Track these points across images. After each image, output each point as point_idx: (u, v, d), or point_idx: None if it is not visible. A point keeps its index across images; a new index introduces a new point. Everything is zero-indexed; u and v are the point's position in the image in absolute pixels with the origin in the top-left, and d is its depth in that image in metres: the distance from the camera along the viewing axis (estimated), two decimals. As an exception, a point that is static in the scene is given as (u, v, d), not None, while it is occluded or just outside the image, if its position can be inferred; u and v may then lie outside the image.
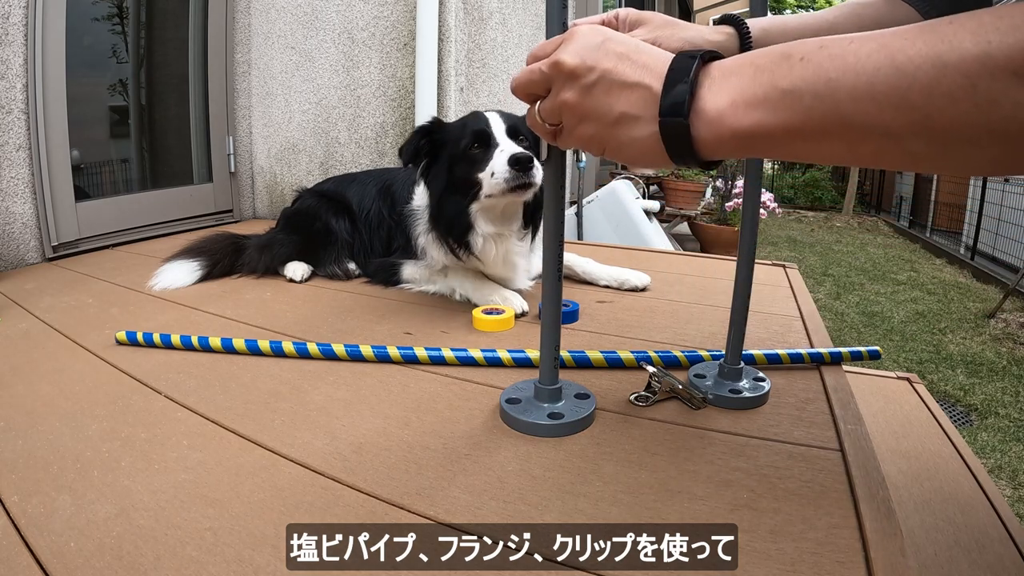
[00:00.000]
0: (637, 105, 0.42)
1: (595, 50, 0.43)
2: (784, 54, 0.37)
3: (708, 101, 0.40)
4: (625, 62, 0.43)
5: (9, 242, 1.43)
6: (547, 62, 0.45)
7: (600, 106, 0.43)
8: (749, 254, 0.70)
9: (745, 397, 0.69)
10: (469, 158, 0.98)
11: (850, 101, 0.34)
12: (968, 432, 2.34)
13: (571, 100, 0.44)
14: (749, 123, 0.38)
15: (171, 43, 1.94)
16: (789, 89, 0.36)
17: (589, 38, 0.44)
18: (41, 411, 0.70)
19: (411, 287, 1.18)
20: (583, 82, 0.43)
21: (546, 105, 0.46)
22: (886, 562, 0.42)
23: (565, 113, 0.46)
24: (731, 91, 0.39)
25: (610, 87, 0.43)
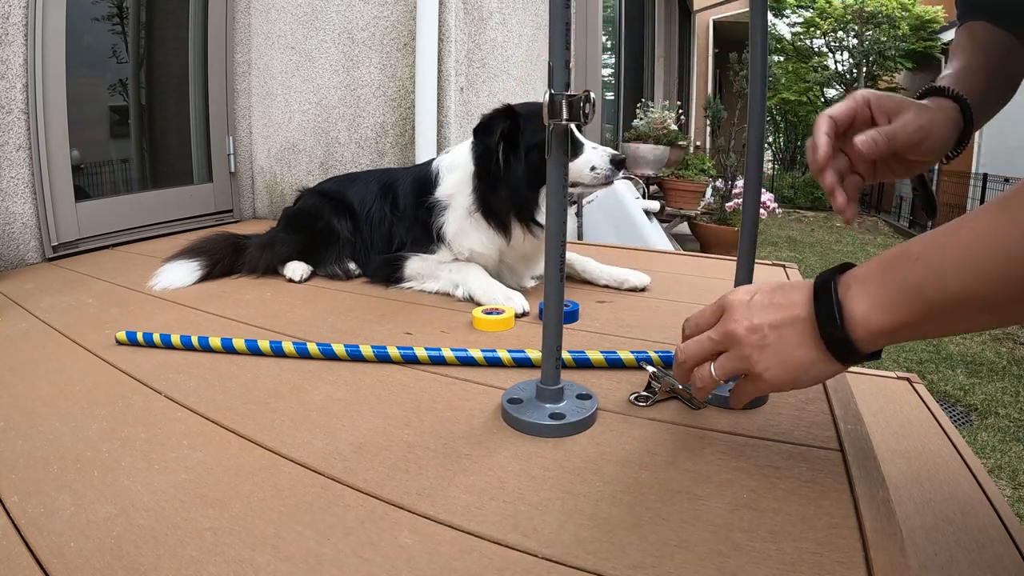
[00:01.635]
0: (804, 338, 0.49)
1: (752, 309, 0.51)
2: (904, 255, 0.44)
3: (853, 312, 0.46)
4: (776, 309, 0.50)
5: (9, 242, 1.43)
6: (718, 333, 0.53)
7: (780, 354, 0.50)
8: (749, 254, 0.70)
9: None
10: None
11: (961, 283, 0.41)
12: (968, 432, 2.34)
13: (755, 357, 0.51)
14: (890, 321, 0.45)
15: (171, 43, 1.94)
16: (912, 287, 0.43)
17: (743, 301, 0.52)
18: (41, 411, 0.70)
19: (411, 285, 1.18)
20: (757, 339, 0.50)
21: (727, 366, 0.53)
22: (886, 562, 0.42)
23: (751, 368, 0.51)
24: (867, 296, 0.46)
25: (779, 334, 0.50)
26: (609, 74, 4.82)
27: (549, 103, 0.56)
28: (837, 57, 10.53)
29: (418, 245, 1.18)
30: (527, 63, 2.26)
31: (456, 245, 1.14)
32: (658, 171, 4.02)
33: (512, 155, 1.05)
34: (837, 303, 0.46)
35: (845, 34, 9.93)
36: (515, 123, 1.04)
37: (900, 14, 9.02)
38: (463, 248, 1.13)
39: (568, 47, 0.57)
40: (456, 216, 1.13)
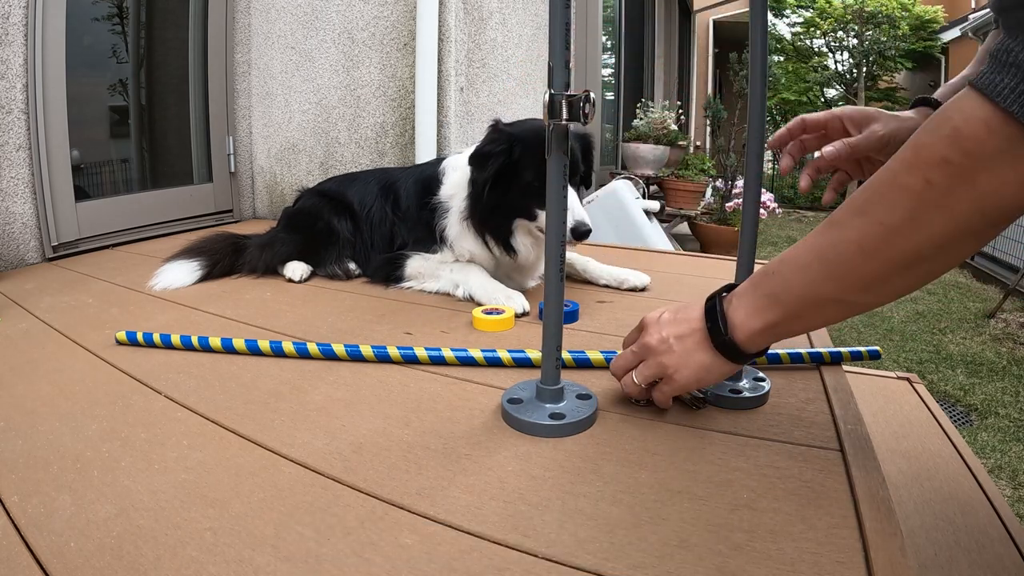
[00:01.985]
0: (701, 345, 0.61)
1: (660, 325, 0.64)
2: (766, 272, 0.57)
3: (733, 319, 0.59)
4: (678, 323, 0.63)
5: (9, 242, 1.43)
6: (637, 346, 0.65)
7: (684, 358, 0.62)
8: (749, 255, 0.70)
9: (745, 397, 0.69)
10: (531, 191, 1.03)
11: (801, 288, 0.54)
12: (968, 432, 2.34)
13: (664, 360, 0.62)
14: (764, 322, 0.57)
15: (171, 43, 1.94)
16: (770, 295, 0.56)
17: (654, 318, 0.65)
18: (41, 411, 0.70)
19: (412, 285, 1.18)
20: (666, 347, 0.63)
21: (644, 371, 0.64)
22: (886, 562, 0.42)
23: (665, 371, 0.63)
24: (744, 306, 0.58)
25: (682, 343, 0.62)
26: (609, 74, 4.82)
27: (549, 103, 0.56)
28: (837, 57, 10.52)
29: (420, 245, 1.19)
30: (527, 63, 2.26)
31: (457, 247, 1.14)
32: (658, 171, 4.02)
33: (500, 184, 1.04)
34: (722, 314, 0.59)
35: (845, 34, 9.92)
36: (511, 158, 1.02)
37: (900, 14, 9.02)
38: (464, 250, 1.14)
39: (568, 47, 0.57)
40: (454, 219, 1.13)
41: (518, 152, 1.03)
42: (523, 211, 1.06)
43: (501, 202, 1.06)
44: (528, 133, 1.04)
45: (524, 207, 1.05)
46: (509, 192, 1.04)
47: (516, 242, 1.09)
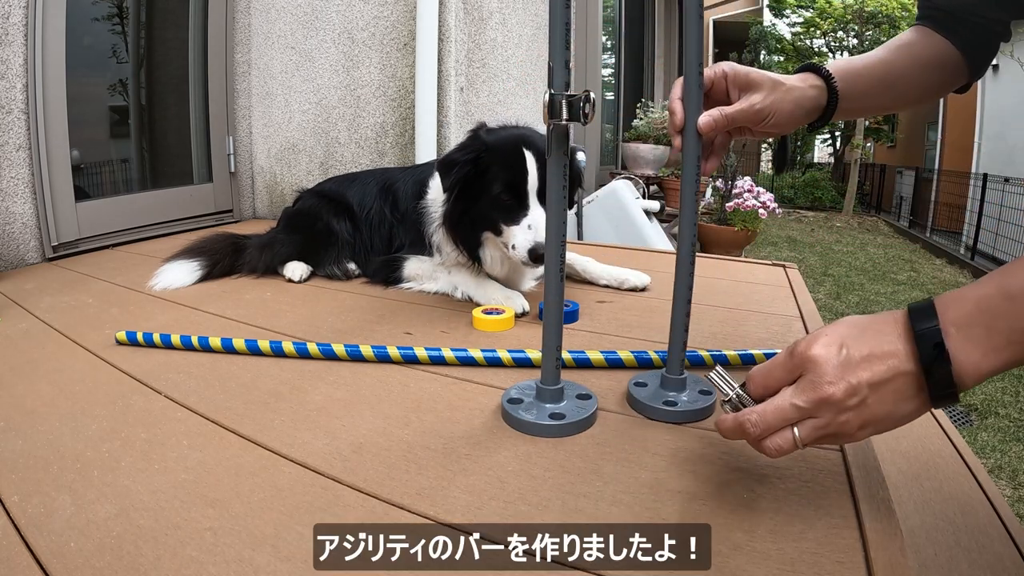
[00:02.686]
0: (906, 392, 0.45)
1: (847, 367, 0.45)
2: (1007, 296, 0.43)
3: (964, 362, 0.43)
4: (875, 362, 0.45)
5: (9, 242, 1.43)
6: (807, 398, 0.46)
7: (877, 411, 0.45)
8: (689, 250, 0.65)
9: (677, 411, 0.65)
10: (498, 204, 1.00)
11: None
12: (968, 432, 2.34)
13: (850, 421, 0.46)
14: (1001, 363, 0.43)
15: (171, 43, 1.94)
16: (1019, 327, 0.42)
17: (834, 356, 0.45)
18: (41, 411, 0.70)
19: (411, 286, 1.18)
20: (856, 401, 0.45)
21: (813, 432, 0.47)
22: (886, 562, 0.42)
23: (840, 430, 0.47)
24: (977, 343, 0.43)
25: (878, 392, 0.45)
26: (609, 74, 4.82)
27: (549, 103, 0.56)
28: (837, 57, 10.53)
29: (415, 247, 1.19)
30: (527, 63, 2.26)
31: (445, 254, 1.13)
32: (658, 171, 4.02)
33: (469, 192, 1.02)
34: (949, 361, 0.43)
35: (845, 34, 9.93)
36: (479, 168, 1.00)
37: (900, 14, 9.02)
38: (449, 256, 1.13)
39: (568, 47, 0.57)
40: (437, 226, 1.11)
41: (487, 161, 0.99)
42: (490, 224, 1.02)
43: (469, 211, 1.03)
44: (503, 142, 1.01)
45: (491, 220, 1.02)
46: (478, 203, 1.01)
47: (484, 253, 1.07)
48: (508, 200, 0.99)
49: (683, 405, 0.66)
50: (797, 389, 0.46)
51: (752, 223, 4.16)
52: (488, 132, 1.06)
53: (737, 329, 0.95)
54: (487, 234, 1.05)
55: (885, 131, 10.93)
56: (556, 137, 0.59)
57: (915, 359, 0.44)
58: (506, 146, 1.01)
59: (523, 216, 0.98)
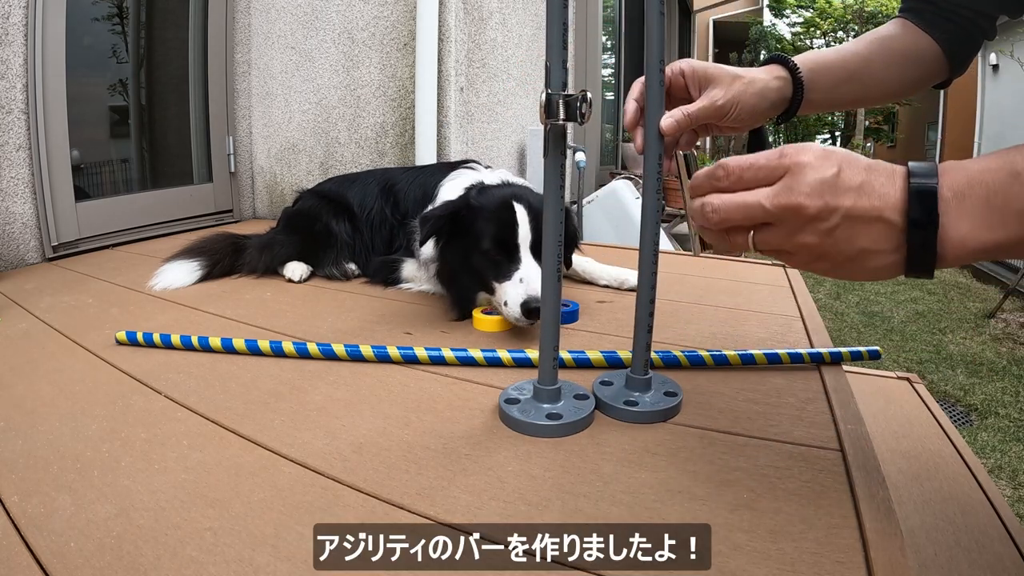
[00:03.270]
0: (878, 240, 0.42)
1: (834, 188, 0.42)
2: (1012, 172, 0.39)
3: (950, 228, 0.40)
4: (863, 196, 0.42)
5: (9, 242, 1.43)
6: (778, 204, 0.42)
7: (840, 246, 0.43)
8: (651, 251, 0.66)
9: (637, 411, 0.65)
10: (489, 260, 0.95)
11: None
12: (968, 432, 2.34)
13: (811, 243, 0.43)
14: (988, 243, 0.40)
15: (171, 43, 1.94)
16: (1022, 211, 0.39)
17: (824, 170, 0.42)
18: (41, 411, 0.70)
19: (411, 287, 1.18)
20: (824, 226, 0.42)
21: (772, 242, 0.44)
22: (886, 562, 0.42)
23: (798, 251, 0.44)
24: (969, 215, 0.40)
25: (851, 226, 0.42)
26: (609, 74, 4.82)
27: (546, 103, 0.56)
28: (837, 57, 10.51)
29: (409, 251, 1.18)
30: (527, 63, 2.26)
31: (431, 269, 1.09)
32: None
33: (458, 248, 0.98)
34: (937, 223, 0.40)
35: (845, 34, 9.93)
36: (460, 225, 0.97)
37: (900, 14, 9.02)
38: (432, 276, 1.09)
39: (565, 47, 0.57)
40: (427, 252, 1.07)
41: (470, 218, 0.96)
42: (482, 283, 0.98)
43: (461, 269, 0.99)
44: (492, 199, 0.98)
45: (483, 279, 0.97)
46: (468, 261, 0.97)
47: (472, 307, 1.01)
48: (498, 256, 0.94)
49: (644, 406, 0.66)
50: (772, 191, 0.43)
51: (752, 223, 4.14)
52: (480, 191, 1.02)
53: (737, 329, 0.96)
54: (482, 295, 1.00)
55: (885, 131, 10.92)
56: (553, 137, 0.59)
57: (903, 212, 0.41)
58: (495, 202, 0.97)
59: (514, 271, 0.93)
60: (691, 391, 0.71)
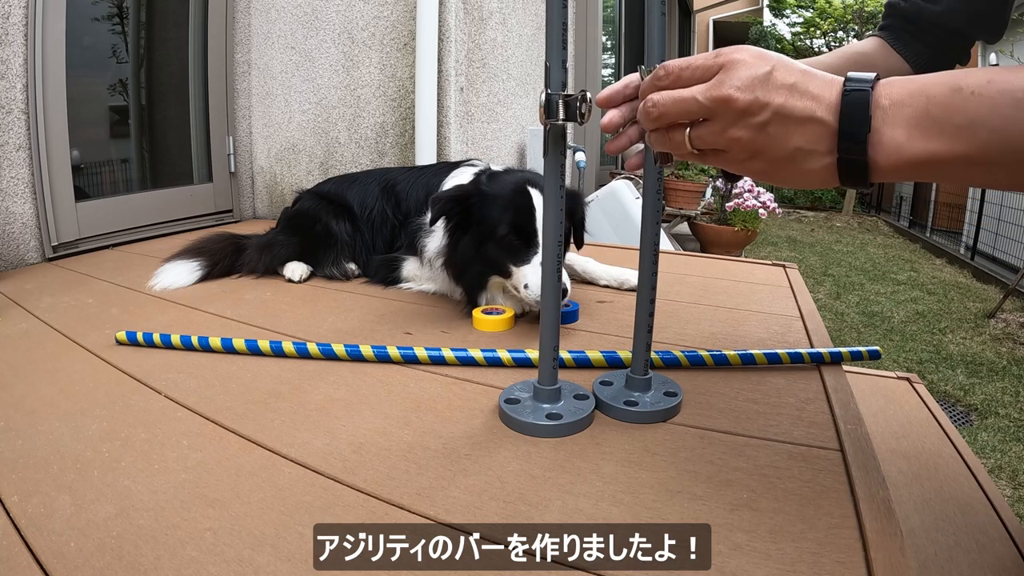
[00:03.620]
0: (812, 141, 0.42)
1: (765, 84, 0.42)
2: (954, 87, 0.39)
3: (885, 134, 0.40)
4: (795, 95, 0.42)
5: (9, 242, 1.43)
6: (710, 95, 0.43)
7: (774, 144, 0.43)
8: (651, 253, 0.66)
9: (637, 411, 0.65)
10: (506, 245, 0.95)
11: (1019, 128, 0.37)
12: (968, 432, 2.34)
13: (742, 137, 0.43)
14: (925, 153, 0.40)
15: (171, 43, 1.94)
16: (965, 124, 0.38)
17: (757, 67, 0.42)
18: (41, 411, 0.70)
19: (411, 286, 1.18)
20: (755, 120, 0.43)
21: (706, 137, 0.45)
22: (886, 562, 0.42)
23: (731, 147, 0.45)
24: (906, 122, 0.40)
25: (783, 123, 0.42)
26: (609, 74, 4.82)
27: (546, 103, 0.56)
28: (837, 57, 10.51)
29: (413, 249, 1.18)
30: (527, 63, 2.26)
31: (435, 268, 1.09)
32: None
33: (468, 239, 0.99)
34: (869, 121, 0.40)
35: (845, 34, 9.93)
36: (469, 210, 0.97)
37: (900, 14, 9.01)
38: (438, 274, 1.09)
39: (565, 47, 0.57)
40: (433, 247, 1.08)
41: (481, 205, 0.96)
42: (496, 268, 0.98)
43: (475, 257, 0.99)
44: (505, 184, 0.99)
45: (498, 264, 0.97)
46: (483, 246, 0.97)
47: (482, 298, 1.02)
48: (516, 241, 0.95)
49: (644, 406, 0.66)
50: (705, 86, 0.43)
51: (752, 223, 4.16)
52: (490, 177, 1.02)
53: (737, 329, 0.96)
54: (494, 279, 1.01)
55: (885, 131, 10.88)
56: (553, 137, 0.59)
57: (836, 113, 0.41)
58: (509, 188, 0.97)
59: (533, 254, 0.93)
60: (691, 391, 0.71)
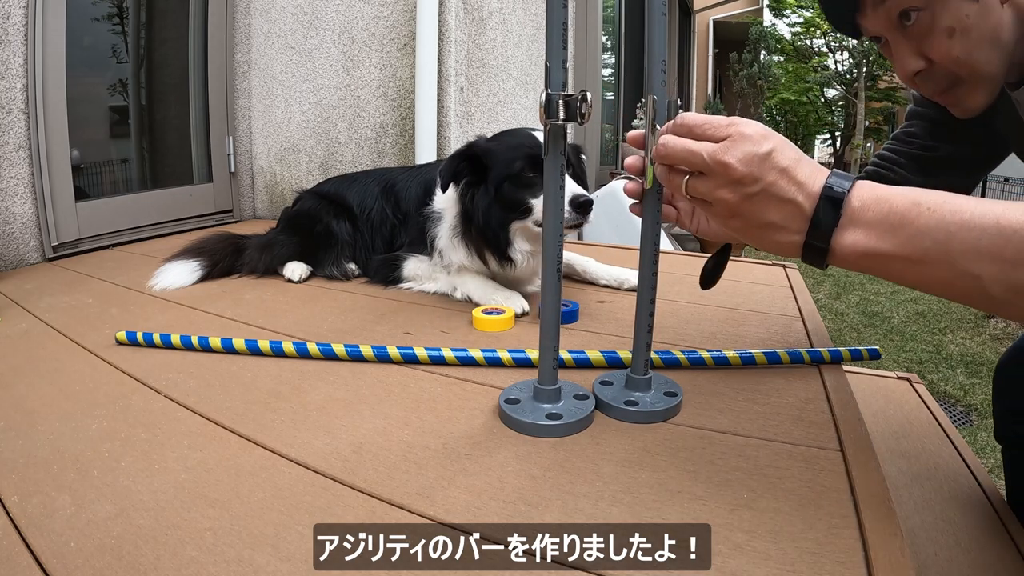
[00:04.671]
0: (787, 219, 0.50)
1: (762, 162, 0.48)
2: (915, 201, 0.46)
3: (848, 229, 0.48)
4: (785, 178, 0.49)
5: (9, 242, 1.43)
6: (714, 158, 0.49)
7: (754, 211, 0.50)
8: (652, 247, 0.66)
9: (638, 411, 0.65)
10: (522, 181, 1.00)
11: (960, 251, 0.44)
12: (968, 432, 2.34)
13: (729, 200, 0.50)
14: (875, 249, 0.47)
15: (171, 43, 1.94)
16: (914, 233, 0.46)
17: (760, 145, 0.48)
18: (41, 411, 0.70)
19: (411, 286, 1.18)
20: (745, 191, 0.49)
21: (701, 189, 0.51)
22: (886, 562, 0.42)
23: (718, 204, 0.51)
24: (867, 223, 0.47)
25: (768, 199, 0.49)
26: (609, 74, 4.82)
27: (546, 103, 0.56)
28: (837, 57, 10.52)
29: (415, 247, 1.18)
30: (527, 63, 2.26)
31: (446, 258, 1.12)
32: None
33: (482, 191, 1.02)
34: (838, 219, 0.48)
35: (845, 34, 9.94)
36: (478, 163, 1.01)
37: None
38: (452, 261, 1.12)
39: (565, 47, 0.57)
40: (445, 231, 1.11)
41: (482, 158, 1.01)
42: (517, 208, 1.01)
43: (492, 206, 1.02)
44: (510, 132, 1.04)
45: (517, 203, 1.00)
46: (499, 191, 1.01)
47: (514, 252, 1.05)
48: (531, 174, 0.99)
49: (645, 406, 0.66)
50: (713, 147, 0.49)
51: (752, 223, 4.14)
52: (489, 138, 1.06)
53: (737, 329, 0.96)
54: (516, 226, 1.03)
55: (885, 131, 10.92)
56: (553, 137, 0.59)
57: (814, 203, 0.48)
58: (512, 134, 1.02)
59: None
60: (691, 391, 0.71)
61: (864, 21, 0.71)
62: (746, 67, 11.22)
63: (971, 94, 0.71)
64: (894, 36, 0.71)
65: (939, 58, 0.69)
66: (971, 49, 0.67)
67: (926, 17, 0.66)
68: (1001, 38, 0.66)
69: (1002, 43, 0.67)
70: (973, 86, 0.70)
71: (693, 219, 0.71)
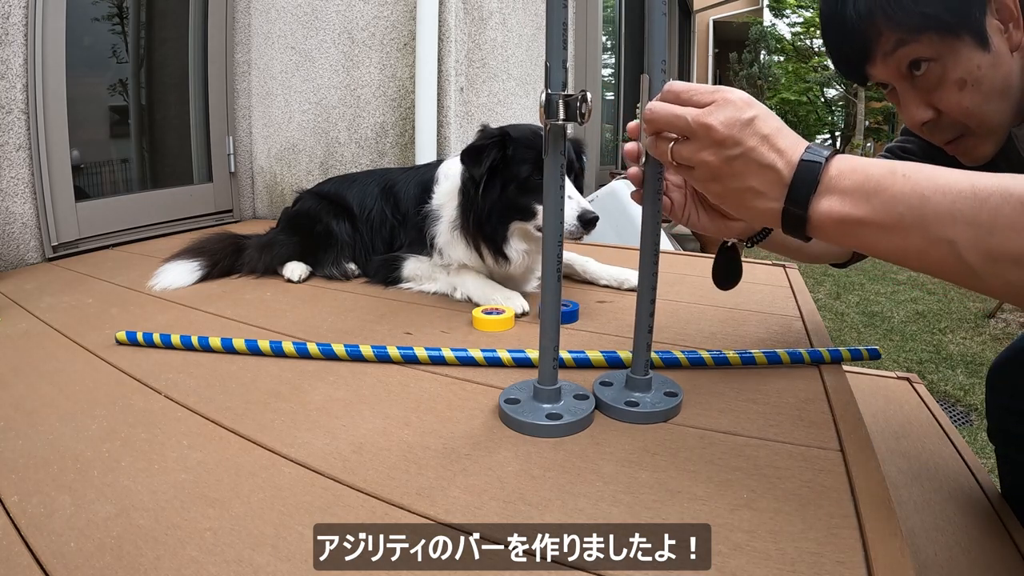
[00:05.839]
0: (766, 185, 0.50)
1: (744, 127, 0.49)
2: (891, 169, 0.47)
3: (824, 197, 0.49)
4: (766, 144, 0.49)
5: (9, 242, 1.43)
6: (697, 120, 0.50)
7: (735, 176, 0.51)
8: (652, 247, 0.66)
9: (639, 411, 0.65)
10: (530, 186, 1.01)
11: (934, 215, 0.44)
12: (968, 432, 2.34)
13: (711, 162, 0.51)
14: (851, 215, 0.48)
15: (171, 43, 1.94)
16: (889, 199, 0.46)
17: (743, 111, 0.49)
18: (41, 411, 0.70)
19: (411, 286, 1.18)
20: (726, 153, 0.50)
21: (684, 153, 0.52)
22: (886, 562, 0.42)
23: (700, 167, 0.52)
24: (843, 190, 0.48)
25: (748, 163, 0.50)
26: (609, 74, 4.82)
27: (546, 103, 0.56)
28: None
29: (415, 247, 1.19)
30: (527, 63, 2.26)
31: (446, 256, 1.13)
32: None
33: (494, 183, 1.02)
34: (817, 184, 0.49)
35: (845, 34, 9.93)
36: (505, 154, 1.01)
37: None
38: (452, 259, 1.12)
39: (565, 47, 0.57)
40: (444, 228, 1.12)
41: (511, 147, 1.01)
42: (521, 211, 1.02)
43: (496, 204, 1.03)
44: (521, 129, 1.03)
45: (522, 206, 1.02)
46: (505, 191, 1.02)
47: (510, 249, 1.06)
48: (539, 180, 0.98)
49: (645, 406, 0.66)
50: (697, 111, 0.50)
51: (752, 223, 4.14)
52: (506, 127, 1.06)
53: (737, 329, 0.96)
54: (515, 225, 1.04)
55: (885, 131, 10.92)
56: (553, 137, 0.59)
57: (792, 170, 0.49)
58: (527, 132, 1.02)
59: None
60: (691, 391, 0.71)
61: (873, 70, 0.69)
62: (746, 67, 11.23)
63: (980, 145, 0.70)
64: (903, 85, 0.69)
65: (949, 110, 0.67)
66: (981, 101, 0.65)
67: (937, 68, 0.64)
68: (1011, 88, 0.65)
69: (1011, 93, 0.65)
70: (982, 137, 0.69)
71: (685, 210, 0.70)
